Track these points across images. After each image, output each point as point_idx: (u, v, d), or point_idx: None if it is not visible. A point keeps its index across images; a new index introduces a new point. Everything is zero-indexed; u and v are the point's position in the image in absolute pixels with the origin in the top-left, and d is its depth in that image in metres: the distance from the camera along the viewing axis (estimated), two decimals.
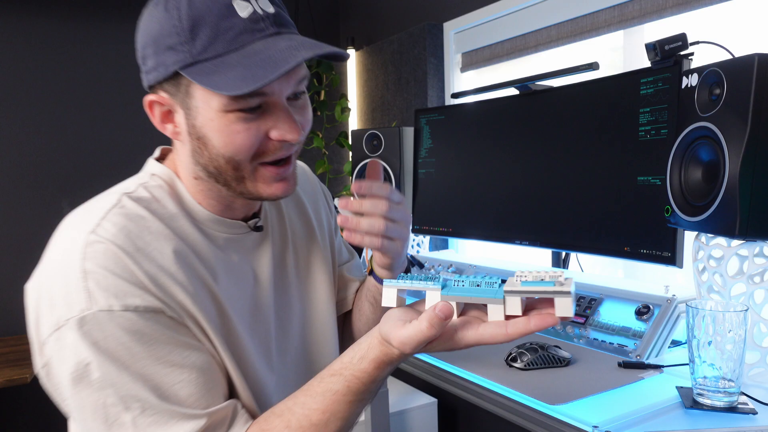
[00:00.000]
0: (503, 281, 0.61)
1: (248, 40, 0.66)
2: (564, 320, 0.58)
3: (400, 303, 0.65)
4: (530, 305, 0.61)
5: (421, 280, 0.63)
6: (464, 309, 0.64)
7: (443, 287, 0.62)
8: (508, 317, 0.59)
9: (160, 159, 0.81)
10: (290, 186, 0.75)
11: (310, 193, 0.97)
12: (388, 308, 0.65)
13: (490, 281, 0.61)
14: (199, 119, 0.69)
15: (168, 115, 0.72)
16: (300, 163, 0.97)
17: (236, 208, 0.79)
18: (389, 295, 0.65)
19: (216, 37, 0.65)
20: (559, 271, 0.54)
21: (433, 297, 0.62)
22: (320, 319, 0.90)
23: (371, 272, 0.89)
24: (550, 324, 0.58)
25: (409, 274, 0.63)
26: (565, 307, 0.57)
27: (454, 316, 0.61)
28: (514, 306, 0.59)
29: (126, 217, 0.69)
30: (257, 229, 0.82)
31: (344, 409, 0.66)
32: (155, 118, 0.73)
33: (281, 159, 0.73)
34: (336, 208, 1.96)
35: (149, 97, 0.71)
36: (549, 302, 0.59)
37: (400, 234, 0.80)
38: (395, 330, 0.60)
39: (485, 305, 0.61)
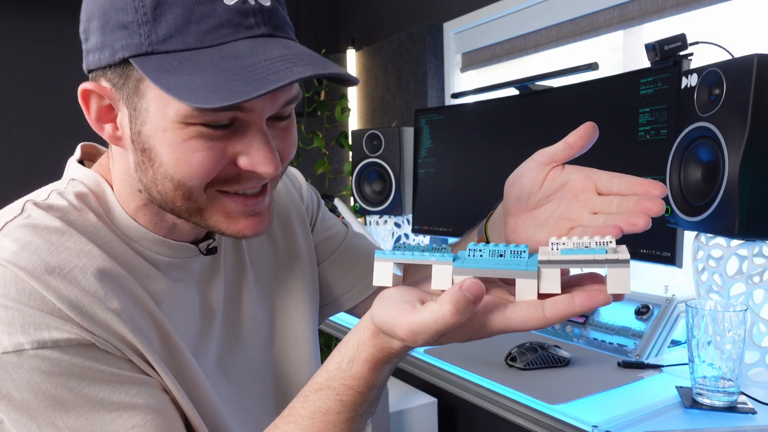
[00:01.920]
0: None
1: (229, 37, 0.50)
2: (618, 299, 0.44)
3: (397, 281, 0.51)
4: (564, 283, 0.47)
5: (424, 250, 0.50)
6: None
7: (454, 259, 0.48)
8: (542, 296, 0.46)
9: (85, 161, 0.65)
10: (264, 222, 0.59)
11: (279, 207, 0.80)
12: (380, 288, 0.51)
13: (517, 249, 0.48)
14: (148, 127, 0.53)
15: (108, 113, 0.56)
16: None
17: (184, 230, 0.63)
18: (383, 270, 0.50)
19: (187, 23, 0.49)
20: (606, 236, 0.46)
21: (443, 272, 0.48)
22: (297, 351, 0.76)
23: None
24: (600, 303, 0.44)
25: (407, 244, 0.49)
26: (620, 281, 0.44)
27: None
28: (552, 281, 0.46)
29: (32, 230, 0.53)
30: (210, 251, 0.66)
31: (342, 431, 0.52)
32: (90, 113, 0.56)
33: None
34: (335, 207, 1.95)
35: (86, 85, 0.55)
36: (591, 277, 0.47)
37: None
38: (402, 316, 0.45)
39: (508, 281, 0.48)
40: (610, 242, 0.45)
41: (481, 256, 0.48)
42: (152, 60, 0.50)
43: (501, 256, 0.48)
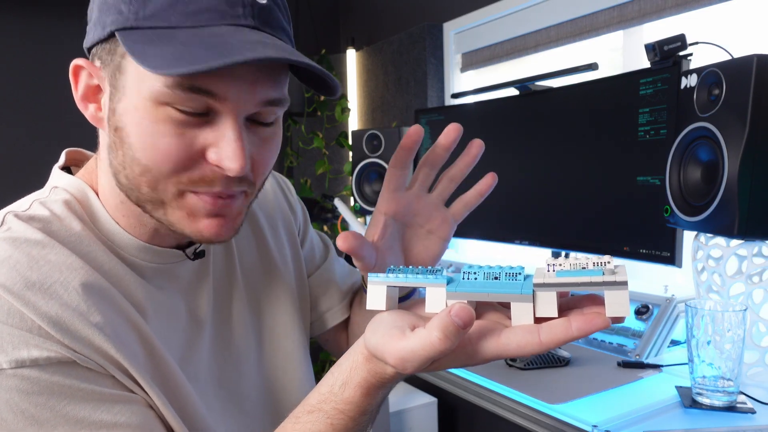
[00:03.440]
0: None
1: (211, 21, 0.50)
2: (617, 321, 0.42)
3: (391, 305, 0.50)
4: (563, 304, 0.46)
5: (417, 273, 0.48)
6: (477, 310, 0.49)
7: (449, 282, 0.47)
8: (539, 320, 0.44)
9: (72, 167, 0.65)
10: (227, 228, 0.57)
11: (268, 213, 0.78)
12: (374, 312, 0.50)
13: (512, 272, 0.46)
14: (123, 104, 0.52)
15: (95, 93, 0.56)
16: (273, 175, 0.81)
17: (164, 234, 0.60)
18: (376, 294, 0.49)
19: (174, 3, 0.50)
20: (605, 256, 0.44)
21: (436, 295, 0.47)
22: (287, 360, 0.74)
23: None
24: (598, 327, 0.42)
25: (401, 267, 0.50)
26: (619, 304, 0.42)
27: None
28: (548, 304, 0.44)
29: (12, 244, 0.52)
30: (198, 255, 0.64)
31: None
32: (78, 90, 0.56)
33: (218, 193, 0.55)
34: (335, 207, 1.94)
35: (78, 61, 0.55)
36: (590, 299, 0.46)
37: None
38: (391, 342, 0.44)
39: (505, 304, 0.47)
40: (608, 263, 0.43)
41: (475, 278, 0.47)
42: (134, 33, 0.50)
43: (496, 278, 0.46)
